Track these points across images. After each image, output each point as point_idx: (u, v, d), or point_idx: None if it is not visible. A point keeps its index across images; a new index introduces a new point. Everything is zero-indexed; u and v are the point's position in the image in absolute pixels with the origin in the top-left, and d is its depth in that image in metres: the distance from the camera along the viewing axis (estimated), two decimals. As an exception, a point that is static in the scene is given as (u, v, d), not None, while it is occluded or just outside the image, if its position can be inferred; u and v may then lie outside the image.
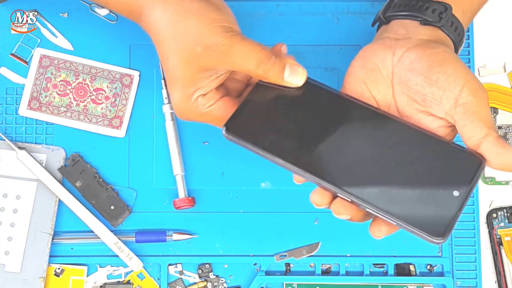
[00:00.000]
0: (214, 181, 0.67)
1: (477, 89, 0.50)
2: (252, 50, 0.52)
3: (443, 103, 0.50)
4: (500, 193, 0.68)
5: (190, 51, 0.53)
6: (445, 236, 0.47)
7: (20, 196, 0.66)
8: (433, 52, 0.52)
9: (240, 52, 0.52)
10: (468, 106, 0.49)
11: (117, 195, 0.67)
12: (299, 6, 0.68)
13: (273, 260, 0.67)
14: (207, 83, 0.54)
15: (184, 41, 0.53)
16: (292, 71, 0.53)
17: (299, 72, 0.53)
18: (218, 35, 0.52)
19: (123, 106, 0.67)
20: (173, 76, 0.54)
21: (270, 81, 0.53)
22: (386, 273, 0.67)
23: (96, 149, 0.67)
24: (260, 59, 0.52)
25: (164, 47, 0.54)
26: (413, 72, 0.52)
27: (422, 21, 0.55)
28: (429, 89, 0.51)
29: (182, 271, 0.67)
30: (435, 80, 0.51)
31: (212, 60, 0.52)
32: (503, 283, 0.66)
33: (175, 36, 0.53)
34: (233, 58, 0.52)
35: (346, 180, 0.50)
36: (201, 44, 0.52)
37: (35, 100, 0.67)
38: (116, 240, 0.65)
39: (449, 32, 0.55)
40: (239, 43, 0.52)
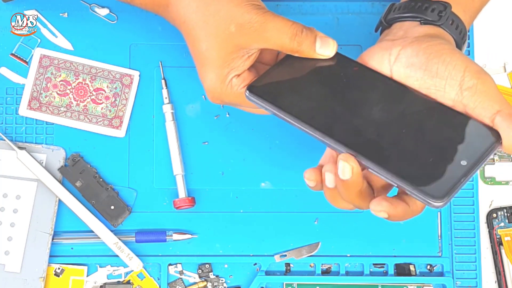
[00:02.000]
0: (214, 181, 0.67)
1: (479, 72, 0.50)
2: (285, 24, 0.53)
3: (448, 91, 0.50)
4: (500, 193, 0.68)
5: (225, 31, 0.53)
6: (443, 199, 0.46)
7: (20, 196, 0.66)
8: (428, 45, 0.52)
9: (274, 28, 0.53)
10: (474, 88, 0.49)
11: (117, 195, 0.67)
12: (299, 6, 0.68)
13: (273, 260, 0.67)
14: (240, 63, 0.54)
15: (217, 22, 0.54)
16: (323, 42, 0.54)
17: (329, 43, 0.54)
18: (250, 13, 0.53)
19: (123, 106, 0.67)
20: (208, 58, 0.54)
21: (303, 54, 0.54)
22: (386, 273, 0.67)
23: (96, 149, 0.67)
24: (294, 33, 0.53)
25: (196, 31, 0.55)
26: (412, 67, 0.52)
27: (422, 21, 0.55)
28: (431, 81, 0.51)
29: (182, 271, 0.67)
30: (435, 71, 0.50)
31: (247, 37, 0.53)
32: (503, 283, 0.67)
33: (207, 18, 0.54)
34: (268, 33, 0.53)
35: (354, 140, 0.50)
36: (235, 23, 0.53)
37: (35, 100, 0.67)
38: (116, 240, 0.65)
39: (450, 30, 0.55)
40: (272, 19, 0.53)
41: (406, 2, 0.57)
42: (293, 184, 0.67)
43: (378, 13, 0.68)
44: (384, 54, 0.53)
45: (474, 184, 0.67)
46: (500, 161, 0.68)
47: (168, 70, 0.67)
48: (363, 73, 0.54)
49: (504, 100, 0.49)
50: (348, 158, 0.49)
